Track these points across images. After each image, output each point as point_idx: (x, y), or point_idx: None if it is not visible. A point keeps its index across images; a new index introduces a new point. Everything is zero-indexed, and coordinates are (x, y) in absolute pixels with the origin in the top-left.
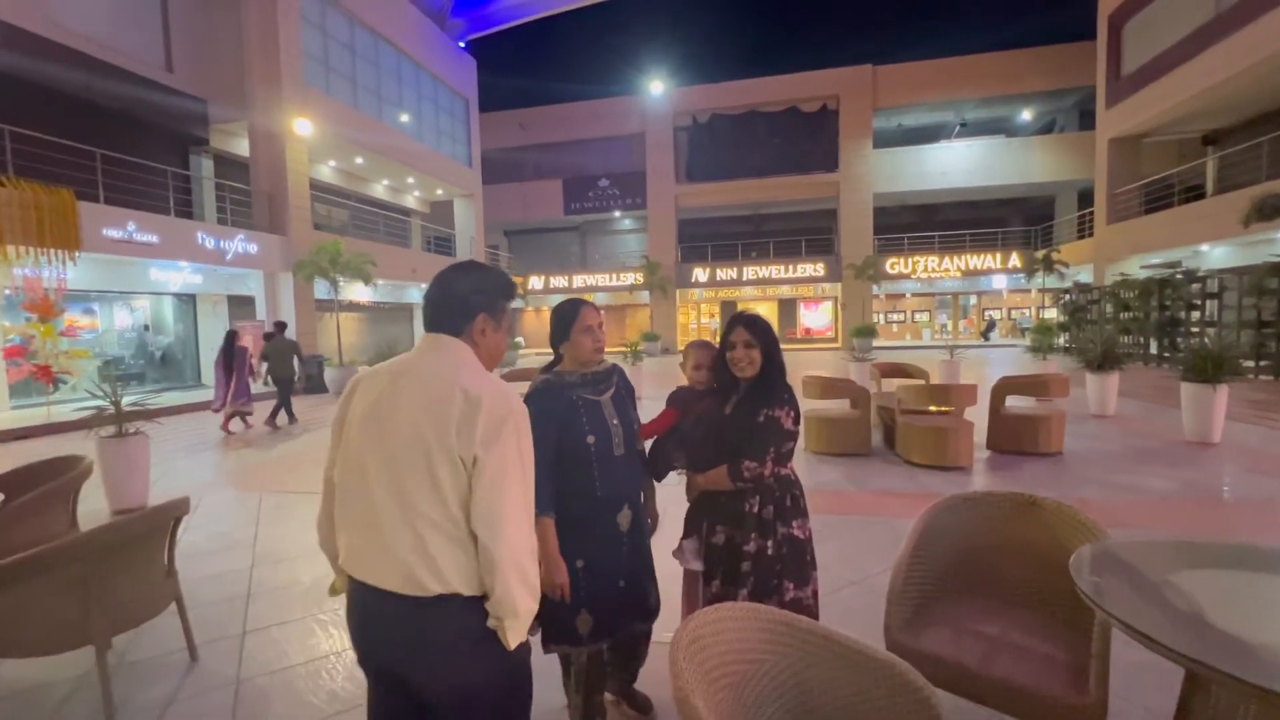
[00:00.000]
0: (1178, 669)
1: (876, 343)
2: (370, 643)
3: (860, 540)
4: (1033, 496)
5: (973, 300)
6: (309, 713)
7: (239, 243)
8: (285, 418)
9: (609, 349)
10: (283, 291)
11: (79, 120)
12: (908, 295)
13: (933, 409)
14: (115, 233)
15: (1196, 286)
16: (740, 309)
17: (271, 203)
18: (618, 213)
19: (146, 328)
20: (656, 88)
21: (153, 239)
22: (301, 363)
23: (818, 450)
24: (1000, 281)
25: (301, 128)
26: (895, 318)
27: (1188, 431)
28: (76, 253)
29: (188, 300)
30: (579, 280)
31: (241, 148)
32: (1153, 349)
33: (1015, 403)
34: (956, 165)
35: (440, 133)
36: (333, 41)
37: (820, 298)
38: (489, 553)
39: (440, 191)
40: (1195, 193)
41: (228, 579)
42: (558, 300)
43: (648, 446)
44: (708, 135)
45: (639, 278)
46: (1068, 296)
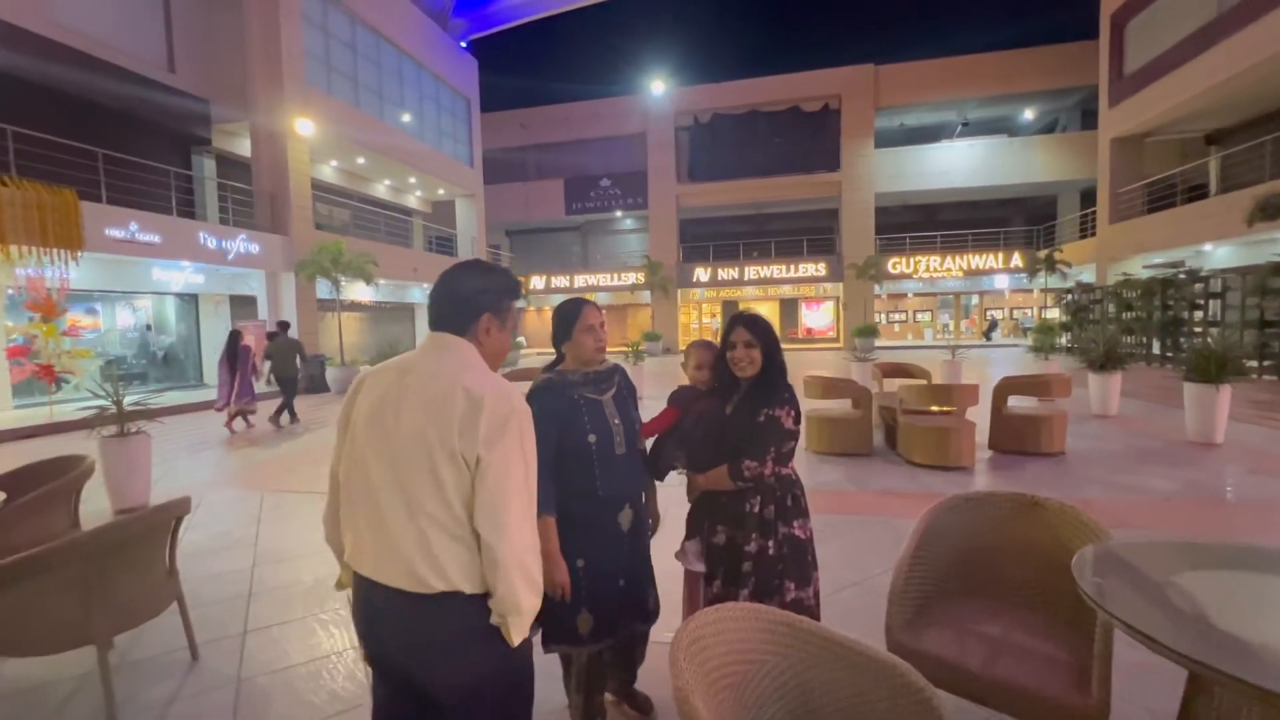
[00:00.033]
0: (1180, 670)
1: (878, 343)
2: (375, 638)
3: (862, 540)
4: (1035, 497)
5: (975, 300)
6: (310, 712)
7: (241, 242)
8: (288, 417)
9: (610, 349)
10: (284, 291)
11: (81, 120)
12: (909, 295)
13: (934, 409)
14: (117, 232)
15: (1199, 286)
16: (741, 309)
17: (273, 202)
18: (619, 212)
19: (149, 327)
20: (658, 87)
21: (155, 239)
22: (304, 362)
23: (819, 450)
24: (1002, 281)
25: (303, 128)
26: (897, 318)
27: (1190, 432)
28: (79, 252)
29: (190, 300)
30: (580, 280)
31: (243, 148)
32: (1155, 349)
33: (1017, 403)
34: (958, 165)
35: (442, 132)
36: (334, 41)
37: (822, 297)
38: (492, 552)
39: (442, 191)
40: (1198, 192)
41: (229, 578)
42: (559, 300)
43: (648, 445)
44: (709, 135)
45: (640, 277)
46: (1070, 296)
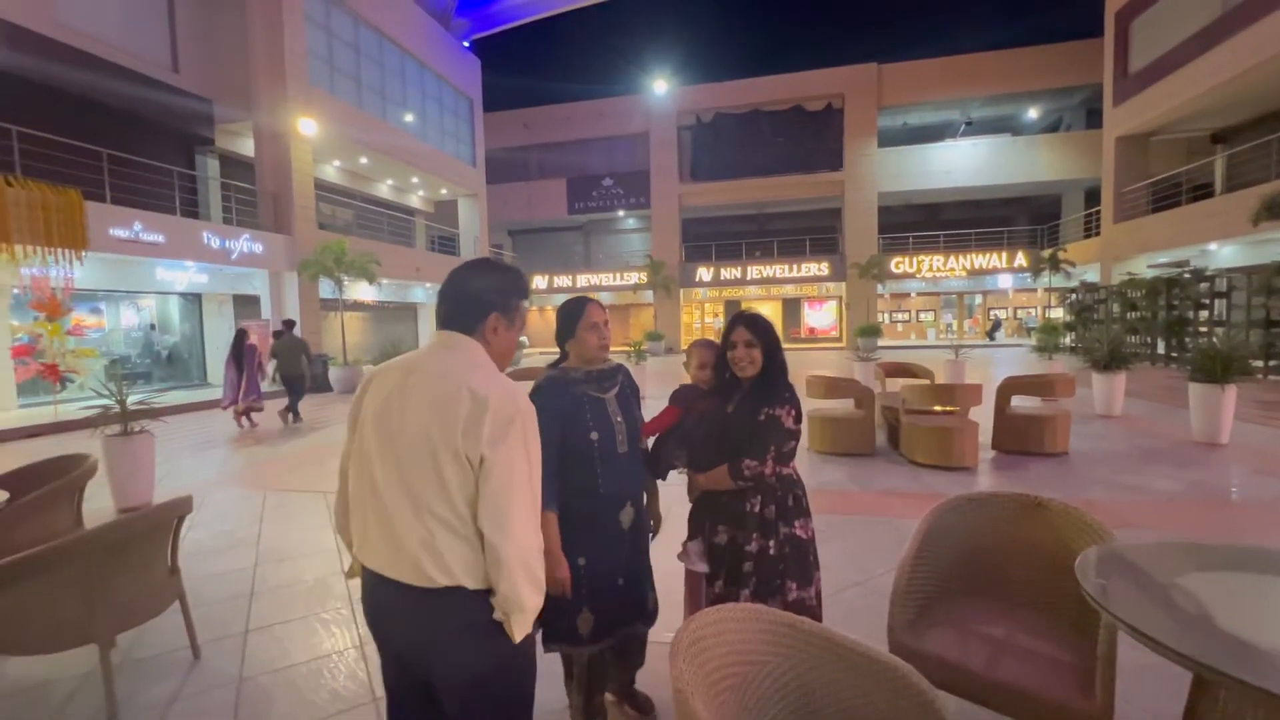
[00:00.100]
0: (1185, 673)
1: (881, 342)
2: (382, 628)
3: (864, 541)
4: (1038, 497)
5: (978, 300)
6: (311, 711)
7: (244, 242)
8: (292, 416)
9: (613, 348)
10: (287, 291)
11: (86, 121)
12: (912, 295)
13: (937, 409)
14: (122, 232)
15: (1205, 286)
16: (744, 308)
17: (276, 202)
18: (622, 212)
19: (153, 327)
20: (660, 87)
21: (159, 239)
22: (309, 361)
23: (821, 450)
24: (1006, 281)
25: (306, 128)
26: (900, 317)
27: (1195, 432)
28: (83, 252)
29: (193, 299)
30: (583, 280)
31: (247, 148)
32: (1160, 349)
33: (1021, 403)
34: (962, 164)
35: (444, 132)
36: (337, 41)
37: (824, 297)
38: (496, 551)
39: (444, 191)
40: (1204, 191)
41: (231, 577)
42: (562, 300)
43: (650, 444)
44: (712, 134)
45: (643, 277)
46: (1074, 296)
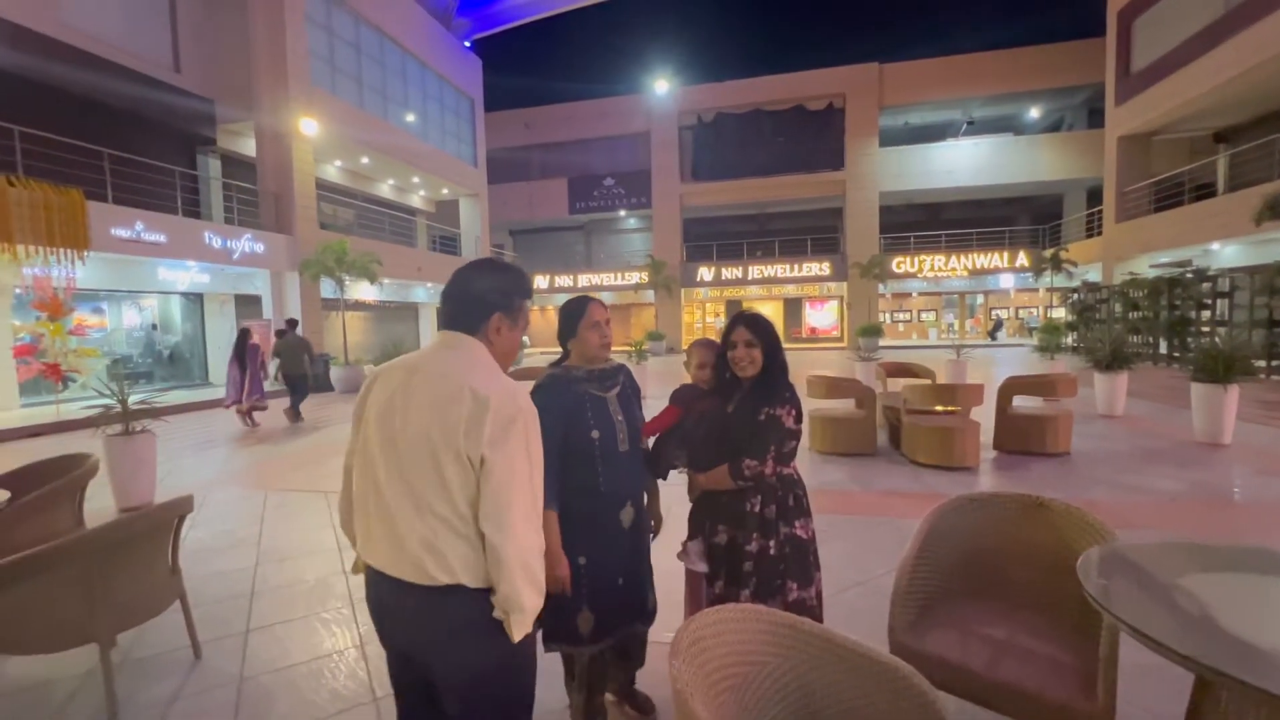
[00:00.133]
0: (1187, 674)
1: (882, 342)
2: (385, 624)
3: (865, 541)
4: (1040, 498)
5: (979, 299)
6: (311, 711)
7: (246, 242)
8: (294, 416)
9: (613, 348)
10: (289, 290)
11: (88, 121)
12: (914, 294)
13: (939, 409)
14: (123, 232)
15: (1207, 285)
16: (744, 308)
17: (278, 202)
18: (623, 212)
19: (154, 326)
20: (661, 86)
21: (160, 238)
22: (311, 361)
23: (822, 450)
24: (1007, 281)
25: (307, 128)
26: (901, 317)
27: (1198, 432)
28: (85, 252)
29: (195, 299)
30: (584, 279)
31: (248, 148)
32: (1162, 349)
33: (1022, 403)
34: (963, 163)
35: (445, 132)
36: (339, 41)
37: (826, 297)
38: (496, 551)
39: (446, 191)
40: (1206, 191)
41: (232, 577)
42: (562, 300)
43: (650, 444)
44: (713, 134)
45: (644, 277)
46: (1076, 296)
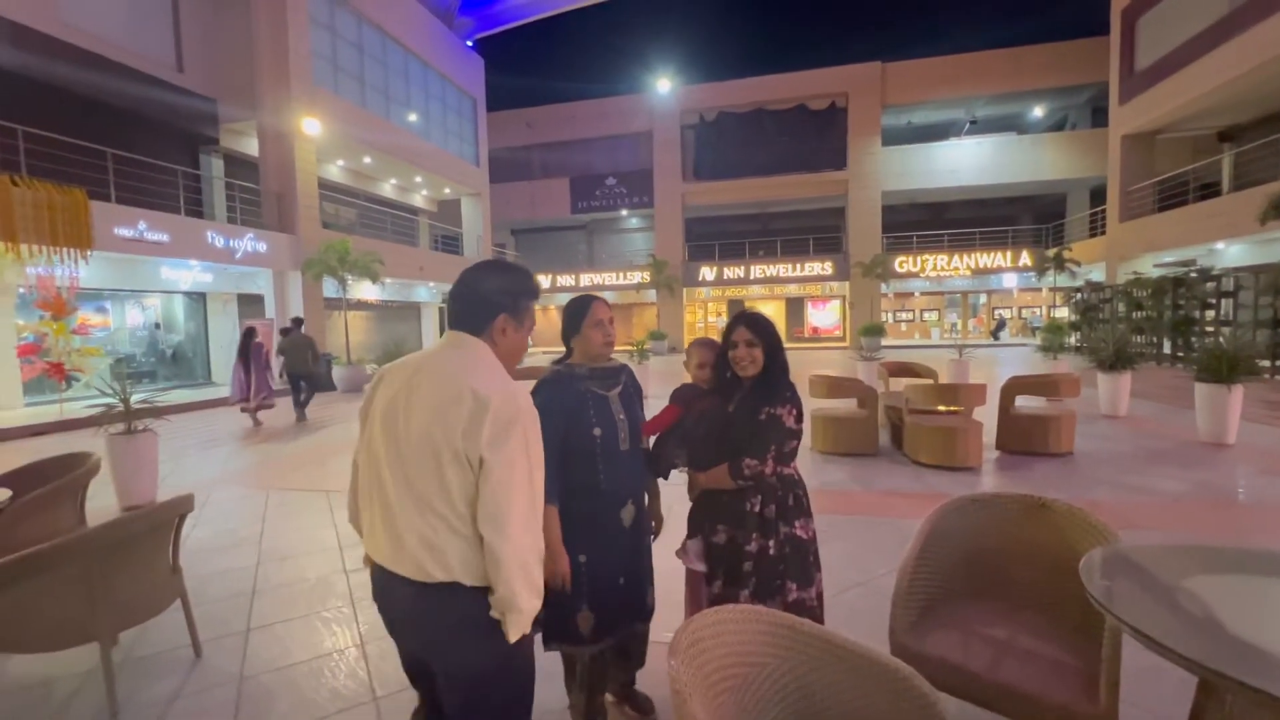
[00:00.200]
0: (1190, 677)
1: (884, 342)
2: (389, 618)
3: (866, 541)
4: (1042, 498)
5: (982, 299)
6: (312, 710)
7: (248, 241)
8: (297, 414)
9: (615, 348)
10: (291, 290)
11: (91, 120)
12: (916, 294)
13: (941, 409)
14: (126, 232)
15: (1211, 285)
16: (746, 308)
17: (280, 202)
18: (625, 211)
19: (157, 326)
20: (663, 86)
21: (163, 238)
22: (315, 359)
23: (824, 450)
24: (1010, 280)
25: (310, 127)
26: (904, 317)
27: (1202, 432)
28: (89, 251)
29: (198, 298)
30: (586, 279)
31: (251, 147)
32: (1166, 348)
33: (1025, 403)
34: (966, 163)
35: (448, 132)
36: (341, 41)
37: (828, 296)
38: (494, 553)
39: (448, 190)
40: (1210, 190)
41: (233, 576)
42: (564, 300)
43: (651, 443)
44: (715, 133)
45: (646, 276)
46: (1079, 295)
